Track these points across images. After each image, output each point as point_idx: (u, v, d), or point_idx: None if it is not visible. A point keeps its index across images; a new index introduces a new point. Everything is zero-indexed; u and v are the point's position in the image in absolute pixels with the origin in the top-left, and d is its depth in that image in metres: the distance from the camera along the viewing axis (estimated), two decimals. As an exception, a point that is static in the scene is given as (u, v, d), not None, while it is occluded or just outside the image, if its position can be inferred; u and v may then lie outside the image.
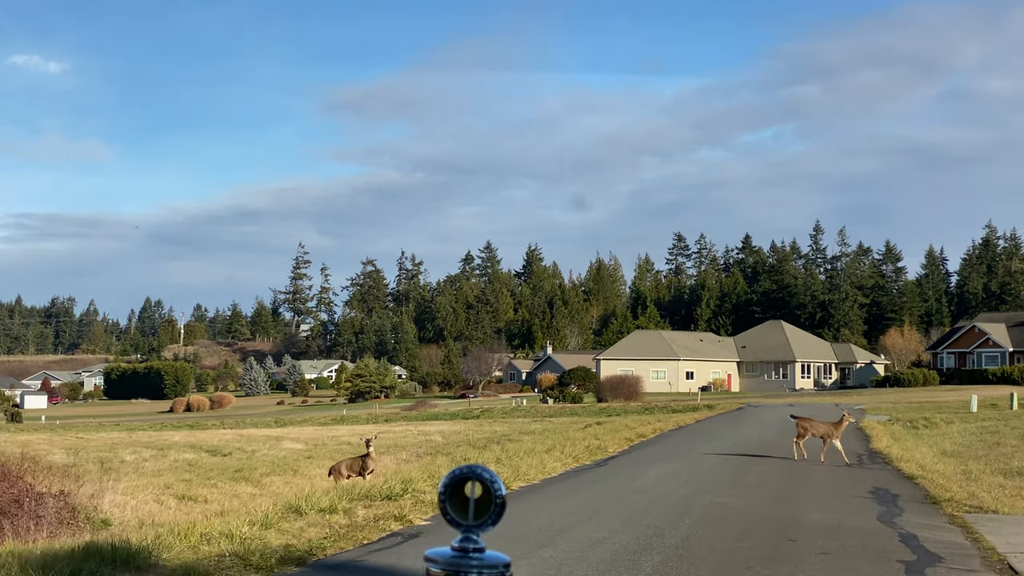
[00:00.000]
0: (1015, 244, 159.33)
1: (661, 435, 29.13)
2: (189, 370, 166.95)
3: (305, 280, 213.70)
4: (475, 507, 1.45)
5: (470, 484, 1.42)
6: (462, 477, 1.44)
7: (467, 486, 1.42)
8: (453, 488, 1.48)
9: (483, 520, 1.37)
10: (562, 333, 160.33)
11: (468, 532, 1.36)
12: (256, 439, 47.43)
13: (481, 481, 1.45)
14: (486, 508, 1.43)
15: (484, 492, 1.41)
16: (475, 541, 1.36)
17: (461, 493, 1.43)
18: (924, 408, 49.91)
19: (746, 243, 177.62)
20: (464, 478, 1.44)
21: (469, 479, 1.42)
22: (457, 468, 1.44)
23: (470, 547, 1.39)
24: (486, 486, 1.45)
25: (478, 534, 1.41)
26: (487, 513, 1.43)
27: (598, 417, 47.23)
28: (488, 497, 1.39)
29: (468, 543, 1.35)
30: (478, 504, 1.45)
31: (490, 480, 1.44)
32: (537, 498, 13.02)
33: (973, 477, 19.59)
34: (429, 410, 73.52)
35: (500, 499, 1.41)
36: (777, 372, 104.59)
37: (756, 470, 18.35)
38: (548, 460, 18.28)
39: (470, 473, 1.42)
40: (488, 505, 1.44)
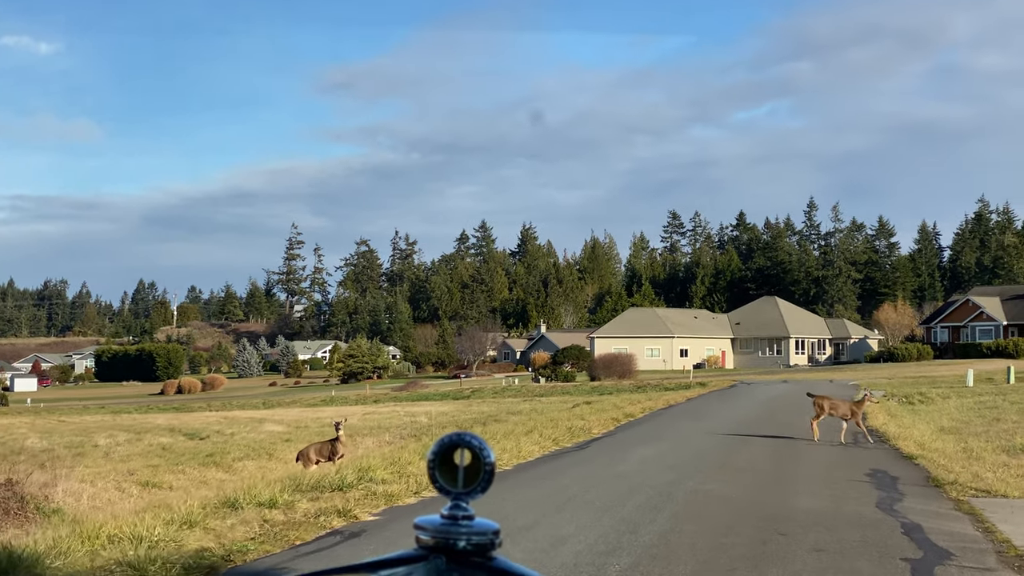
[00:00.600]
0: (1008, 218, 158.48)
1: (650, 415, 28.04)
2: (181, 352, 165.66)
3: (299, 261, 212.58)
4: (464, 474, 1.38)
5: (459, 451, 1.38)
6: (451, 444, 1.39)
7: (456, 453, 1.39)
8: (442, 456, 1.39)
9: (472, 487, 1.37)
10: (557, 312, 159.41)
11: (457, 499, 1.36)
12: (239, 421, 46.39)
13: (470, 448, 1.38)
14: (475, 475, 1.37)
15: (473, 459, 1.38)
16: (464, 508, 1.35)
17: (451, 460, 1.39)
18: (919, 383, 48.91)
19: (740, 220, 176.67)
20: (453, 445, 1.39)
21: (458, 446, 1.39)
22: (446, 435, 1.40)
23: (459, 514, 1.36)
24: (475, 453, 1.38)
25: (467, 501, 1.36)
26: (476, 480, 1.37)
27: (588, 396, 46.17)
28: (477, 464, 1.37)
29: (457, 510, 1.35)
30: (467, 471, 1.37)
31: (479, 447, 1.38)
32: (504, 487, 11.88)
33: (975, 455, 18.53)
34: (420, 390, 72.50)
35: (489, 466, 1.36)
36: (771, 348, 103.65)
37: (746, 451, 17.26)
38: (526, 443, 17.19)
39: (459, 440, 1.39)
40: (477, 472, 1.37)
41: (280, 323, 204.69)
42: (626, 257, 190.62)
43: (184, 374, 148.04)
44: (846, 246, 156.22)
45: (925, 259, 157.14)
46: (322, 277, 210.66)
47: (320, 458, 19.92)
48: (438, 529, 1.39)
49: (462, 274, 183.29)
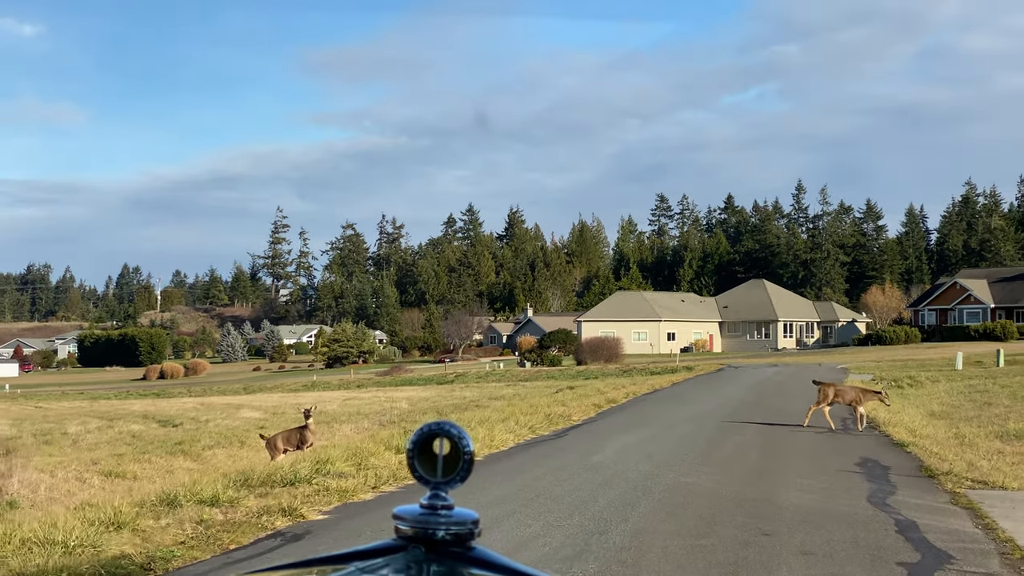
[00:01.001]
0: (995, 201, 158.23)
1: (633, 400, 27.28)
2: (164, 337, 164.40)
3: (284, 245, 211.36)
4: (443, 464, 1.39)
5: (438, 441, 1.39)
6: (430, 434, 1.39)
7: (435, 443, 1.39)
8: (422, 445, 1.39)
9: (451, 477, 1.37)
10: (544, 295, 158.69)
11: (436, 489, 1.36)
12: (216, 408, 45.58)
13: (449, 437, 1.38)
14: (454, 465, 1.37)
15: (452, 449, 1.39)
16: (443, 498, 1.35)
17: (430, 450, 1.40)
18: (908, 366, 48.31)
19: (728, 203, 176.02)
20: (432, 435, 1.39)
21: (437, 436, 1.39)
22: (425, 424, 1.40)
23: (439, 504, 1.36)
24: (454, 443, 1.38)
25: (446, 491, 1.36)
26: (455, 470, 1.38)
27: (573, 381, 45.42)
28: (456, 454, 1.38)
29: (436, 500, 1.35)
30: (446, 461, 1.38)
31: (458, 436, 1.38)
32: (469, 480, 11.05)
33: (968, 442, 17.83)
34: (403, 375, 71.68)
35: (468, 455, 1.37)
36: (759, 332, 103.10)
37: (731, 439, 16.50)
38: (501, 431, 16.40)
39: (438, 430, 1.39)
40: (456, 462, 1.38)
41: (266, 307, 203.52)
42: (614, 240, 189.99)
43: (168, 359, 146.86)
44: (834, 229, 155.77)
45: (912, 242, 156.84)
46: (308, 261, 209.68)
47: (288, 447, 19.20)
48: (417, 519, 1.37)
49: (449, 258, 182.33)
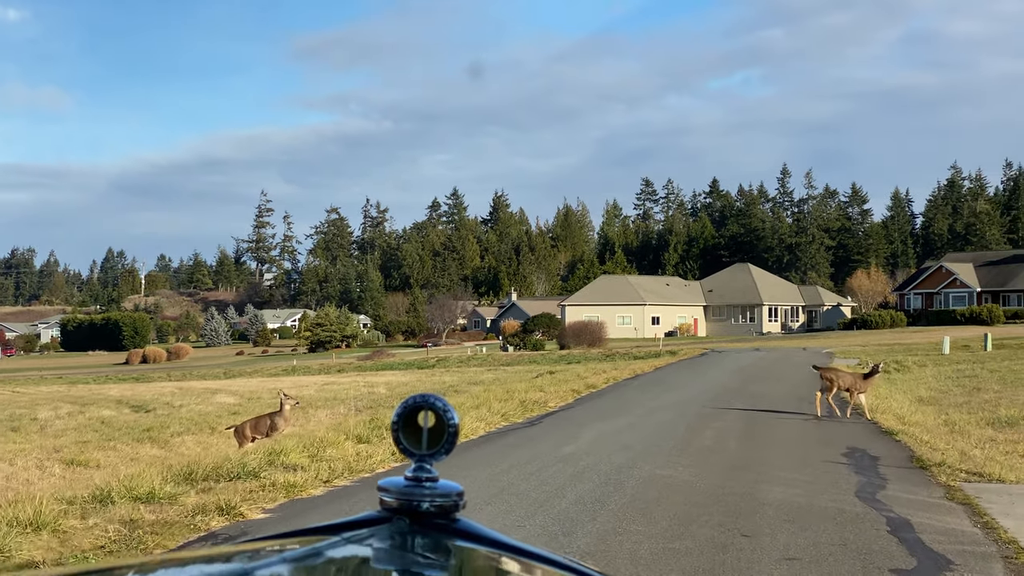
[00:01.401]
0: (980, 185, 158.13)
1: (613, 385, 26.56)
2: (148, 321, 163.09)
3: (268, 228, 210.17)
4: (428, 436, 1.40)
5: (423, 413, 1.39)
6: (415, 407, 1.40)
7: (420, 415, 1.40)
8: (406, 418, 1.40)
9: (436, 449, 1.38)
10: (529, 280, 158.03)
11: (421, 461, 1.37)
12: (193, 392, 44.80)
13: (434, 410, 1.38)
14: (439, 437, 1.39)
15: (437, 421, 1.39)
16: (428, 470, 1.36)
17: (415, 423, 1.41)
18: (894, 350, 47.79)
19: (714, 187, 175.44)
20: (417, 407, 1.41)
21: (422, 408, 1.40)
22: (410, 397, 1.40)
23: (423, 476, 1.36)
24: (439, 415, 1.39)
25: (431, 463, 1.37)
26: (440, 442, 1.39)
27: (554, 365, 44.74)
28: (441, 426, 1.39)
29: (421, 472, 1.36)
30: (431, 433, 1.40)
31: (443, 409, 1.38)
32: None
33: (958, 429, 17.19)
34: (385, 360, 70.88)
35: (453, 428, 1.37)
36: (744, 316, 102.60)
37: (713, 427, 15.79)
38: (471, 419, 15.65)
39: (423, 402, 1.40)
40: (441, 434, 1.40)
41: (250, 291, 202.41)
42: (599, 225, 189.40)
43: (151, 343, 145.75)
44: (819, 213, 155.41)
45: (898, 226, 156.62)
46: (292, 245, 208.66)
47: (257, 434, 18.51)
48: (402, 491, 1.38)
49: (434, 242, 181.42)
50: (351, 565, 1.31)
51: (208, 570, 1.21)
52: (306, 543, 1.33)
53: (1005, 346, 45.05)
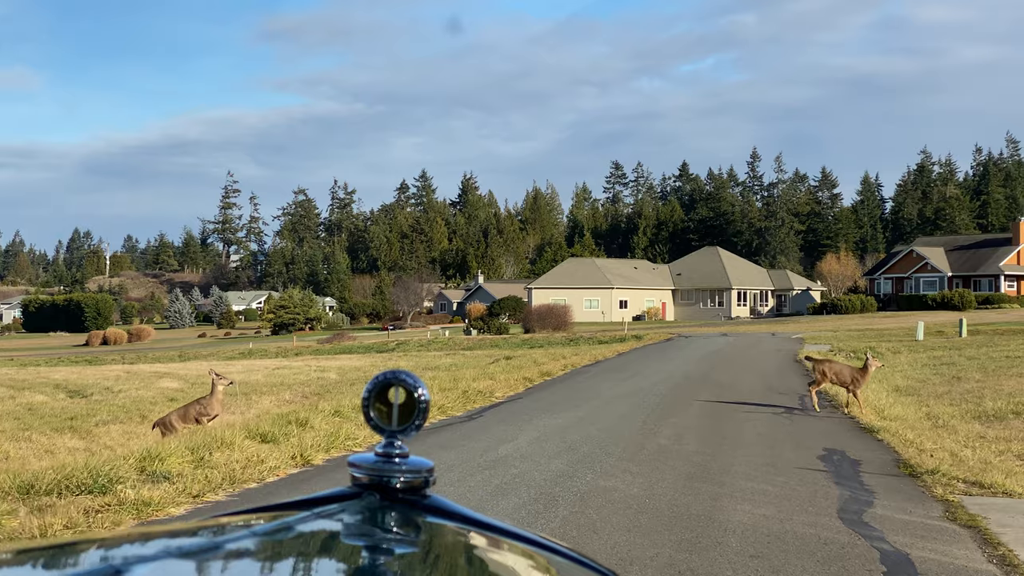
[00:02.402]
0: (950, 170, 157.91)
1: (571, 373, 24.82)
2: (111, 302, 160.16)
3: (235, 210, 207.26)
4: (399, 412, 1.40)
5: (394, 389, 1.41)
6: (385, 383, 1.42)
7: (391, 391, 1.41)
8: (377, 393, 1.42)
9: (406, 425, 1.40)
10: (497, 263, 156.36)
11: (392, 437, 1.39)
12: (141, 376, 42.72)
13: (404, 386, 1.39)
14: (409, 413, 1.39)
15: (408, 397, 1.41)
16: (398, 447, 1.39)
17: (385, 398, 1.42)
18: (866, 336, 46.41)
19: (683, 171, 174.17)
20: (388, 383, 1.42)
21: (392, 384, 1.42)
22: (380, 374, 1.41)
23: (393, 452, 1.36)
24: (409, 391, 1.39)
25: (400, 439, 1.39)
26: (411, 418, 1.41)
27: (515, 350, 43.02)
28: (411, 402, 1.40)
29: (391, 448, 1.36)
30: (401, 409, 1.41)
31: (413, 385, 1.39)
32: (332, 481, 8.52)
33: (943, 424, 15.60)
34: (345, 343, 68.92)
35: (424, 404, 1.39)
36: (713, 300, 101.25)
37: (672, 423, 14.08)
38: None
39: (393, 379, 1.41)
40: (412, 410, 1.39)
41: (216, 273, 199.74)
42: (568, 208, 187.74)
43: (115, 325, 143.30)
44: (789, 197, 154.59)
45: (867, 210, 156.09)
46: (258, 226, 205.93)
47: (186, 423, 16.71)
48: (372, 467, 1.38)
49: (402, 224, 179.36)
50: (321, 539, 1.31)
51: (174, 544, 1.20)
52: (275, 519, 1.32)
53: (980, 332, 43.77)
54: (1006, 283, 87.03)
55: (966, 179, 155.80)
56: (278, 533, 1.27)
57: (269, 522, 1.29)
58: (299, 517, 1.30)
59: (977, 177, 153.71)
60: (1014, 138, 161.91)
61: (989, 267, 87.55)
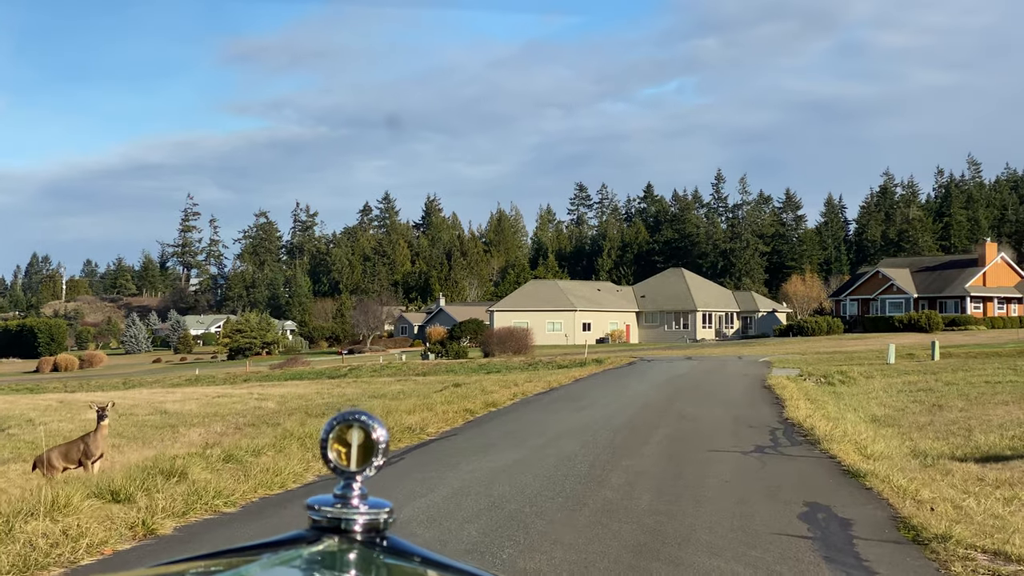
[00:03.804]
0: (913, 192, 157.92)
1: (520, 402, 22.68)
2: (64, 327, 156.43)
3: (194, 233, 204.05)
4: (357, 453, 1.39)
5: (352, 430, 1.42)
6: (344, 423, 1.43)
7: (349, 432, 1.42)
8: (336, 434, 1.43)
9: (364, 466, 1.40)
10: (461, 285, 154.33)
11: (349, 479, 1.40)
12: (75, 405, 40.09)
13: (363, 427, 1.40)
14: (368, 454, 1.39)
15: (366, 438, 1.41)
16: (356, 488, 1.40)
17: (343, 439, 1.43)
18: (835, 359, 44.68)
19: (648, 193, 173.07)
20: (346, 424, 1.43)
21: (351, 425, 1.42)
22: (339, 414, 1.42)
23: (351, 494, 1.36)
24: (367, 432, 1.40)
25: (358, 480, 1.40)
26: (368, 459, 1.40)
27: (469, 376, 40.85)
28: (370, 443, 1.41)
29: (349, 490, 1.37)
30: (360, 450, 1.41)
31: (371, 426, 1.41)
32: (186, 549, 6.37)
33: (934, 464, 13.65)
34: (296, 368, 66.40)
35: (383, 445, 1.39)
36: (678, 322, 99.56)
37: (625, 466, 12.00)
38: (298, 459, 11.74)
39: (352, 419, 1.42)
40: (370, 451, 1.39)
41: (175, 297, 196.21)
42: (532, 231, 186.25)
43: (69, 350, 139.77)
44: (753, 219, 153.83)
45: (831, 232, 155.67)
46: (218, 249, 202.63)
47: (68, 464, 14.63)
48: (330, 509, 1.37)
49: (364, 247, 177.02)
50: None
51: None
52: (231, 565, 1.31)
53: (952, 355, 42.14)
54: (972, 304, 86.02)
55: (928, 201, 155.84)
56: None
57: (227, 570, 1.26)
58: (258, 563, 1.27)
59: (939, 199, 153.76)
60: (975, 160, 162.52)
61: (955, 288, 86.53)
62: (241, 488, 9.73)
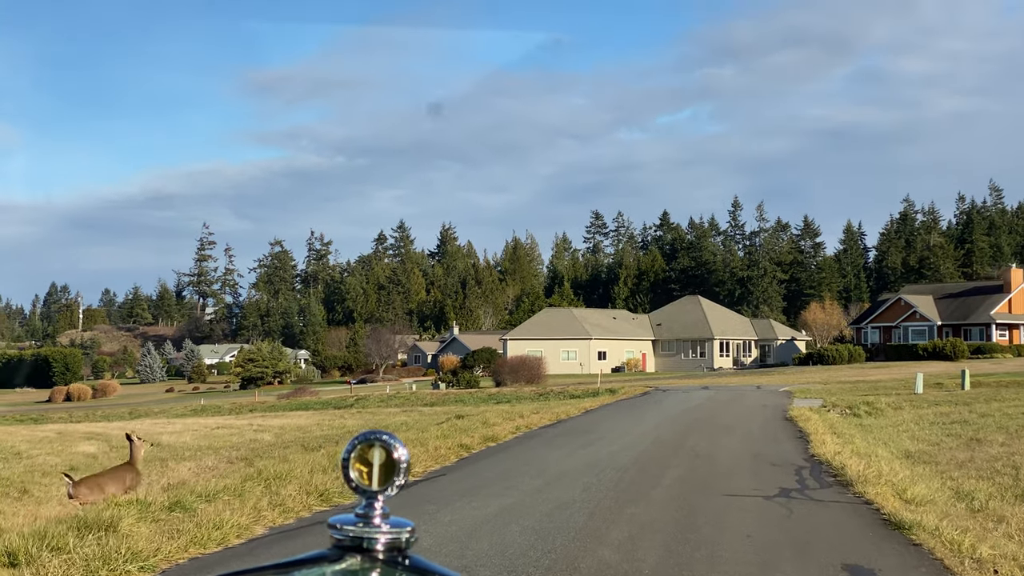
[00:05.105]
0: (934, 218, 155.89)
1: (523, 436, 21.08)
2: (79, 356, 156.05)
3: (210, 262, 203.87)
4: (379, 472, 1.42)
5: (373, 450, 1.43)
6: (365, 442, 1.44)
7: (370, 452, 1.44)
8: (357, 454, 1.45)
9: (386, 486, 1.41)
10: (476, 314, 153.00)
11: (371, 499, 1.41)
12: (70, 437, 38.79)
13: (384, 447, 1.42)
14: (389, 474, 1.41)
15: (387, 458, 1.43)
16: (378, 508, 1.41)
17: (365, 458, 1.45)
18: (859, 389, 42.88)
19: (664, 220, 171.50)
20: (368, 444, 1.44)
21: (373, 445, 1.44)
22: (360, 434, 1.44)
23: (374, 513, 1.38)
24: (388, 451, 1.42)
25: (381, 499, 1.43)
26: (390, 479, 1.42)
27: (476, 407, 39.27)
28: (391, 463, 1.43)
29: (372, 509, 1.39)
30: (381, 470, 1.42)
31: (392, 446, 1.43)
32: None
33: (982, 508, 12.01)
34: (303, 398, 64.95)
35: (404, 464, 1.41)
36: (694, 350, 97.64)
37: (630, 515, 10.42)
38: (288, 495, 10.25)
39: (374, 439, 1.44)
40: (391, 471, 1.41)
41: (190, 326, 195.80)
42: (548, 259, 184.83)
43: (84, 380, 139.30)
44: (771, 246, 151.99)
45: (851, 259, 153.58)
46: (233, 278, 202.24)
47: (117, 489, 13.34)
48: (353, 528, 1.39)
49: (379, 275, 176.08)
50: None
51: None
52: None
53: (983, 384, 40.27)
54: (998, 332, 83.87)
55: (950, 227, 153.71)
56: None
57: None
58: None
59: (961, 225, 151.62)
60: (997, 186, 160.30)
61: (980, 316, 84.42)
62: (168, 547, 8.21)
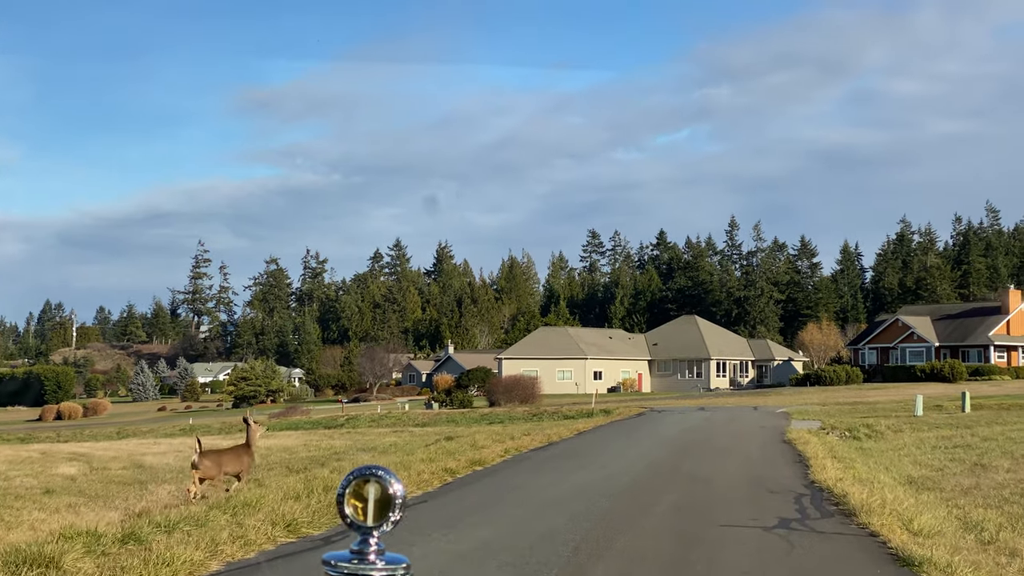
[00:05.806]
0: (931, 239, 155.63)
1: (513, 459, 20.33)
2: (72, 375, 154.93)
3: (205, 280, 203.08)
4: (374, 508, 1.42)
5: (368, 485, 1.43)
6: (361, 478, 1.44)
7: (365, 488, 1.43)
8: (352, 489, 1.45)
9: (381, 522, 1.39)
10: (471, 332, 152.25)
11: (366, 534, 1.41)
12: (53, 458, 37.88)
13: (379, 482, 1.42)
14: (384, 509, 1.40)
15: (383, 493, 1.43)
16: (374, 543, 1.40)
17: (360, 494, 1.44)
18: (857, 410, 42.16)
19: (661, 239, 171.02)
20: (363, 479, 1.42)
21: (368, 480, 1.42)
22: (356, 469, 1.47)
23: (368, 549, 1.39)
24: (384, 487, 1.41)
25: (376, 536, 1.41)
26: (385, 514, 1.41)
27: (468, 427, 38.49)
28: (387, 498, 1.42)
29: (366, 545, 1.39)
30: (376, 505, 1.40)
31: (388, 481, 1.41)
32: None
33: (993, 540, 11.30)
34: (293, 418, 64.08)
35: (399, 500, 1.43)
36: (691, 371, 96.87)
37: (619, 550, 9.70)
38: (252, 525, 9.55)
39: (369, 474, 1.43)
40: (386, 506, 1.40)
41: (185, 344, 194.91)
42: (544, 278, 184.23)
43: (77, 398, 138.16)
44: (768, 266, 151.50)
45: (848, 280, 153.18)
46: (228, 296, 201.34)
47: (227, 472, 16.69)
48: (348, 564, 1.40)
49: (374, 293, 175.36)
50: None
51: None
52: None
53: (984, 407, 39.57)
54: (996, 354, 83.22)
55: (946, 248, 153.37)
56: None
57: None
58: None
59: (957, 246, 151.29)
60: (994, 207, 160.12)
61: (978, 337, 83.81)
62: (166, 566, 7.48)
